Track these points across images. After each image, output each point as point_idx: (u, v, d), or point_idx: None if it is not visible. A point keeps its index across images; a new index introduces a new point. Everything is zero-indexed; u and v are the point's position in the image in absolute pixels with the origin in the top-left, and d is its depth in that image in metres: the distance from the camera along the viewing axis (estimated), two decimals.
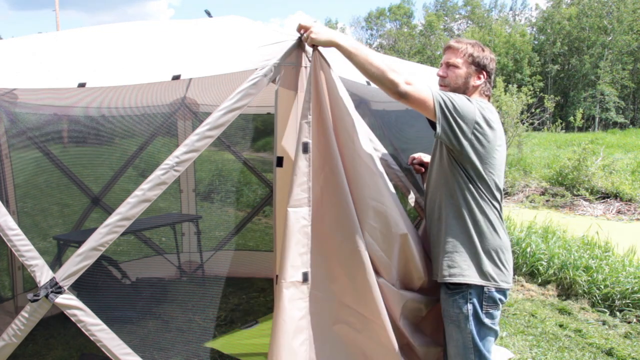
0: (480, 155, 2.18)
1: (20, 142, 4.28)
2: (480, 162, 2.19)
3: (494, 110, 2.26)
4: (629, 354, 3.86)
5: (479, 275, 2.21)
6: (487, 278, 2.21)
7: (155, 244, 5.46)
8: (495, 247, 2.24)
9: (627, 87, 39.25)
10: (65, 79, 2.51)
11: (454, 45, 2.34)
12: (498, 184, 2.27)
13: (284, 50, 2.24)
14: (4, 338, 2.29)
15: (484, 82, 2.33)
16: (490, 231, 2.24)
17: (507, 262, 2.28)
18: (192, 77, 2.70)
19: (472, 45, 2.33)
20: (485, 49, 2.36)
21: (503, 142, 2.30)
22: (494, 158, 2.22)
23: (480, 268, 2.21)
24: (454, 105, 2.13)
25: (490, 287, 2.21)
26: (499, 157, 2.25)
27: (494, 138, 2.20)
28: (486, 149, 2.18)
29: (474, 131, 2.15)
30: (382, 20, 60.65)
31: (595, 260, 5.41)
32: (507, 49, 39.98)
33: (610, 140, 23.22)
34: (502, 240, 2.26)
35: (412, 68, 3.75)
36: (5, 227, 2.27)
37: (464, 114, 2.13)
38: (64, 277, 2.22)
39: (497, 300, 2.23)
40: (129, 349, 2.31)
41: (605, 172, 12.15)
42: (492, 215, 2.25)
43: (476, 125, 2.15)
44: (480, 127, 2.16)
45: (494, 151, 2.21)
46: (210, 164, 6.73)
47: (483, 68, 2.32)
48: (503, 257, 2.26)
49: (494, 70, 2.39)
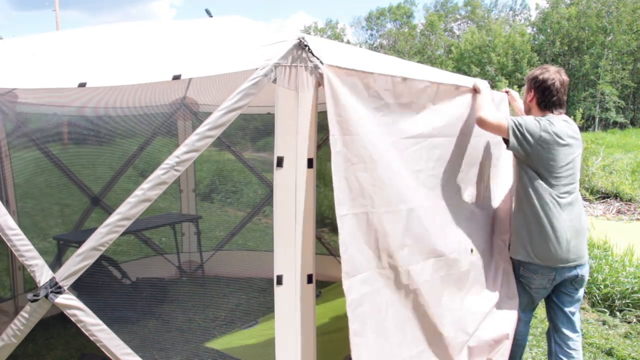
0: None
1: (21, 142, 4.28)
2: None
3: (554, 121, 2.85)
4: (629, 354, 3.86)
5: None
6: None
7: (155, 244, 5.46)
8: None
9: (627, 87, 39.24)
10: (66, 78, 2.51)
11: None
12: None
13: (285, 50, 2.24)
14: (4, 338, 2.29)
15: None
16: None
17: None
18: (193, 77, 2.70)
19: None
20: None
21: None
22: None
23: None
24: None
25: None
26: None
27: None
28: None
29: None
30: (382, 20, 60.63)
31: (595, 260, 5.41)
32: (507, 49, 39.96)
33: (610, 140, 23.21)
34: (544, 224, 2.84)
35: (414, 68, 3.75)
36: (5, 226, 2.27)
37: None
38: (64, 277, 2.22)
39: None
40: (129, 349, 2.31)
41: (605, 172, 12.15)
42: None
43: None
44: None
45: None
46: (210, 164, 6.73)
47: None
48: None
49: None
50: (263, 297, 4.79)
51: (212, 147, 5.44)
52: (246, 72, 2.23)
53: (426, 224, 2.67)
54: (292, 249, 2.32)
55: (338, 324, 3.97)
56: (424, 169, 2.77)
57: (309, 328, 2.40)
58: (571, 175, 2.83)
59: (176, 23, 3.65)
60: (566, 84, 2.91)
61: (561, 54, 42.53)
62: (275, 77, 2.23)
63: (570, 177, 2.82)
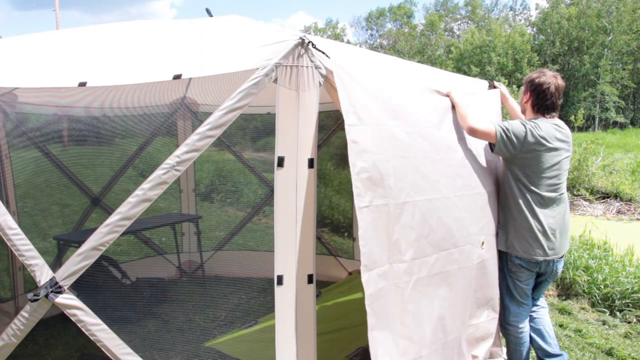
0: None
1: (20, 142, 4.28)
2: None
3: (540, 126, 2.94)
4: (629, 354, 3.86)
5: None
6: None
7: (155, 244, 5.46)
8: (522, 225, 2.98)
9: (627, 87, 39.24)
10: (66, 78, 2.50)
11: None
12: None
13: (286, 50, 2.23)
14: (4, 338, 2.28)
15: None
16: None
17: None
18: (194, 76, 2.70)
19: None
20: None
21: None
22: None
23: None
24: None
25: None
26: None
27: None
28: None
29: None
30: (382, 20, 60.63)
31: (595, 260, 5.41)
32: (507, 49, 39.97)
33: (610, 140, 23.21)
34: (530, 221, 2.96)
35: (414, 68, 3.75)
36: (5, 226, 2.27)
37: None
38: (64, 276, 2.22)
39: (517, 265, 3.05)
40: (129, 348, 2.31)
41: (605, 172, 12.14)
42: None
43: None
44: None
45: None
46: (210, 164, 6.72)
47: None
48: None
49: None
50: (263, 297, 4.79)
51: (212, 147, 5.44)
52: (247, 71, 2.23)
53: (444, 214, 2.67)
54: (292, 249, 2.32)
55: (338, 324, 3.97)
56: (443, 158, 2.79)
57: (309, 328, 2.39)
58: (557, 176, 2.97)
59: (176, 22, 3.64)
60: (561, 88, 3.03)
61: (561, 54, 42.52)
62: (276, 76, 2.23)
63: (555, 178, 2.96)
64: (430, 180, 2.64)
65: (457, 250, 2.77)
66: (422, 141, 2.67)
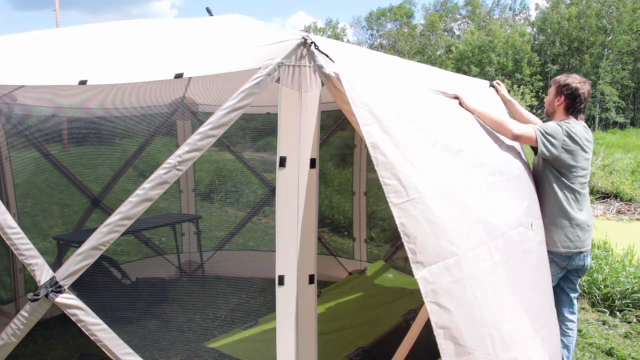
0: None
1: (20, 142, 4.27)
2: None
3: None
4: (629, 354, 3.86)
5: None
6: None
7: (155, 244, 5.45)
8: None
9: (627, 87, 39.26)
10: (66, 76, 2.49)
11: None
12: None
13: (288, 50, 2.22)
14: (3, 337, 2.28)
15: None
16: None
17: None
18: (195, 75, 2.69)
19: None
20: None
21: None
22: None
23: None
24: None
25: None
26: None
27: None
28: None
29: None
30: (382, 20, 60.61)
31: (595, 261, 5.41)
32: (507, 49, 39.96)
33: (610, 140, 23.22)
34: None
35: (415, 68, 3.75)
36: (5, 225, 2.26)
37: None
38: (64, 276, 2.21)
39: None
40: (129, 348, 2.30)
41: (605, 172, 12.14)
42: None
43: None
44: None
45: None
46: (210, 164, 6.72)
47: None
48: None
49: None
50: (263, 297, 4.79)
51: (212, 147, 5.43)
52: (249, 71, 2.22)
53: (481, 203, 2.61)
54: (293, 250, 2.31)
55: (338, 324, 3.97)
56: (464, 149, 2.73)
57: (310, 328, 2.39)
58: (585, 175, 3.19)
59: (177, 21, 3.64)
60: (589, 93, 3.26)
61: (561, 54, 42.54)
62: (278, 76, 2.22)
63: (585, 177, 3.19)
64: (457, 170, 2.58)
65: (515, 232, 2.75)
66: (441, 134, 2.62)
